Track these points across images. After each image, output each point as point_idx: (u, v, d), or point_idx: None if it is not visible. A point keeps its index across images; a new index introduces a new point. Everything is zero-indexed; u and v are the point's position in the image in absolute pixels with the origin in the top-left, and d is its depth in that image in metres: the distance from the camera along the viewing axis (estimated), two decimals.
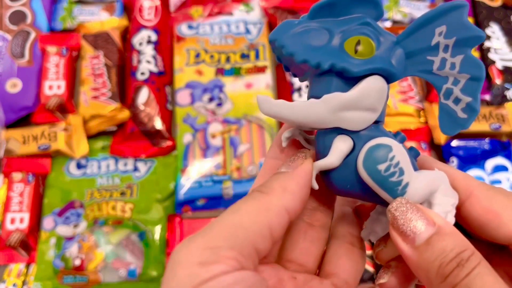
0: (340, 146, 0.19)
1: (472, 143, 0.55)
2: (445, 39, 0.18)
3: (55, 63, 0.58)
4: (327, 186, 0.20)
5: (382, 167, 0.18)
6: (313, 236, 0.21)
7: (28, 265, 0.50)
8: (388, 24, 0.63)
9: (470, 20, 0.61)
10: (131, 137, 0.55)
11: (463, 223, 0.20)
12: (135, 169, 0.54)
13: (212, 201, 0.52)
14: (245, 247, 0.16)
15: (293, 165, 0.19)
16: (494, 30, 0.61)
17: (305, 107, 0.18)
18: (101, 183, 0.53)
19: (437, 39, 0.19)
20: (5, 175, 0.53)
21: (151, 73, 0.57)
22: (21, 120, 0.57)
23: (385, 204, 0.19)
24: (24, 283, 0.49)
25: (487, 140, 0.55)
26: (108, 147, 0.55)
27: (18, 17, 0.61)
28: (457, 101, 0.19)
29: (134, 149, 0.55)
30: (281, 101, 0.19)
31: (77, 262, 0.49)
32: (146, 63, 0.58)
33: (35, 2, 0.62)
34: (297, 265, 0.21)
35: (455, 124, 0.19)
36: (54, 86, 0.57)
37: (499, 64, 0.59)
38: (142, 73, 0.57)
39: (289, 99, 0.56)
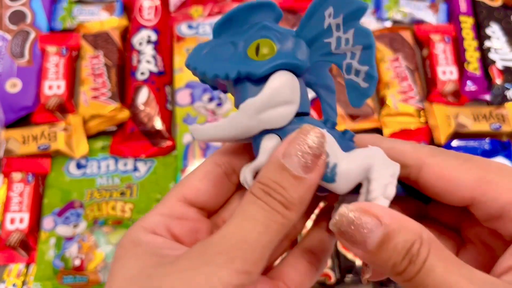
0: (267, 145, 0.20)
1: (472, 143, 0.55)
2: (334, 19, 0.19)
3: (55, 63, 0.58)
4: None
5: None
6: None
7: (27, 265, 0.50)
8: (388, 24, 0.63)
9: (468, 19, 0.61)
10: (131, 137, 0.55)
11: (423, 193, 0.20)
12: (135, 169, 0.54)
13: None
14: None
15: None
16: (494, 30, 0.61)
17: (228, 123, 0.20)
18: (101, 183, 0.53)
19: (328, 21, 0.20)
20: (4, 175, 0.53)
21: (151, 73, 0.57)
22: (21, 120, 0.57)
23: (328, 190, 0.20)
24: (23, 283, 0.49)
25: (487, 140, 0.55)
26: (108, 147, 0.55)
27: (17, 17, 0.61)
28: (357, 73, 0.19)
29: (134, 149, 0.55)
30: (207, 124, 0.20)
31: (77, 262, 0.49)
32: (146, 63, 0.58)
33: (34, 2, 0.62)
34: None
35: (360, 95, 0.20)
36: (54, 86, 0.57)
37: (499, 64, 0.59)
38: (142, 73, 0.57)
39: None
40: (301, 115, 0.20)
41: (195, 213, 0.21)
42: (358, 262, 0.49)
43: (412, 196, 0.22)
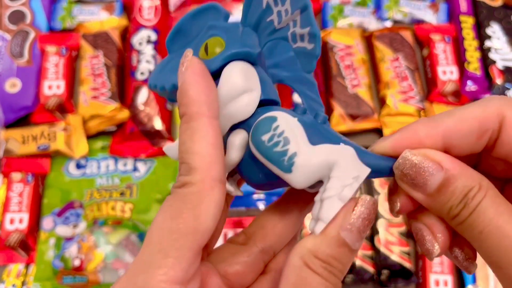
0: (233, 140, 0.19)
1: None
2: None
3: (54, 63, 0.58)
4: (251, 186, 0.20)
5: (265, 137, 0.18)
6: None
7: (27, 266, 0.50)
8: (388, 24, 0.63)
9: (469, 19, 0.61)
10: (130, 137, 0.55)
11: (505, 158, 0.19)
12: (135, 169, 0.54)
13: None
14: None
15: None
16: (494, 30, 0.61)
17: None
18: (101, 183, 0.53)
19: (266, 0, 0.20)
20: (4, 175, 0.53)
21: (150, 72, 0.57)
22: (21, 120, 0.57)
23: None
24: (23, 283, 0.49)
25: None
26: (108, 147, 0.55)
27: (17, 16, 0.61)
28: (302, 37, 0.20)
29: (134, 149, 0.55)
30: (175, 142, 0.19)
31: (77, 263, 0.49)
32: (146, 63, 0.58)
33: (34, 1, 0.62)
34: None
35: (309, 57, 0.20)
36: (53, 86, 0.57)
37: (500, 64, 0.59)
38: (142, 73, 0.57)
39: (289, 97, 0.56)
40: (267, 103, 0.20)
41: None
42: (359, 263, 0.49)
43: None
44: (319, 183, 0.18)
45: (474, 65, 0.58)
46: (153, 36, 0.60)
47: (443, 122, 0.18)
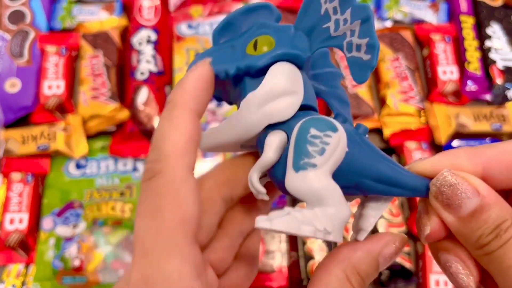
0: (272, 140, 0.19)
1: (473, 143, 0.55)
2: (330, 3, 0.19)
3: (54, 62, 0.58)
4: (280, 190, 0.20)
5: (313, 132, 0.17)
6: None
7: (27, 266, 0.50)
8: (388, 23, 0.63)
9: (469, 19, 0.61)
10: (130, 137, 0.55)
11: None
12: (135, 169, 0.54)
13: None
14: None
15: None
16: (495, 30, 0.61)
17: (229, 123, 0.19)
18: (101, 183, 0.53)
19: (325, 7, 0.19)
20: (4, 175, 0.53)
21: (150, 73, 0.57)
22: (20, 120, 0.56)
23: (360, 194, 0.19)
24: (23, 283, 0.49)
25: (488, 140, 0.55)
26: (108, 147, 0.55)
27: (17, 16, 0.61)
28: (358, 47, 0.19)
29: (134, 149, 0.55)
30: (207, 130, 0.19)
31: (77, 263, 0.49)
32: (146, 63, 0.58)
33: (34, 1, 0.62)
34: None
35: (364, 68, 0.19)
36: (53, 86, 0.57)
37: (500, 64, 0.59)
38: (142, 73, 0.57)
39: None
40: (306, 109, 0.19)
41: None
42: None
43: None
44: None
45: (474, 65, 0.58)
46: (153, 36, 0.60)
47: (485, 152, 0.18)
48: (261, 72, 0.19)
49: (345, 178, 0.18)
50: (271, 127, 0.19)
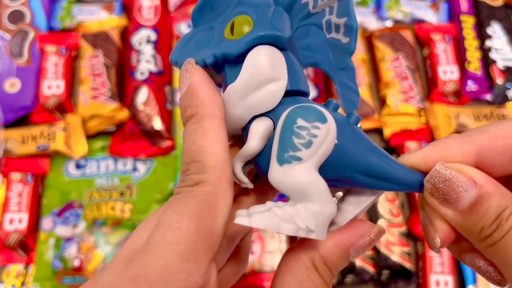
0: (256, 128, 0.18)
1: None
2: None
3: (54, 62, 0.58)
4: (265, 179, 0.18)
5: (300, 122, 0.16)
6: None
7: (27, 266, 0.50)
8: (389, 23, 0.63)
9: (469, 19, 0.61)
10: (130, 137, 0.55)
11: None
12: (135, 169, 0.54)
13: None
14: None
15: None
16: (495, 30, 0.61)
17: None
18: (100, 183, 0.53)
19: None
20: (4, 175, 0.53)
21: (150, 72, 0.57)
22: (20, 120, 0.56)
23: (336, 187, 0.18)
24: (23, 283, 0.49)
25: None
26: (107, 147, 0.55)
27: (17, 16, 0.61)
28: (337, 27, 0.18)
29: (134, 149, 0.55)
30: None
31: (76, 263, 0.49)
32: (146, 62, 0.58)
33: (34, 1, 0.62)
34: None
35: (343, 52, 0.18)
36: (53, 86, 0.57)
37: (500, 64, 0.59)
38: (142, 73, 0.57)
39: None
40: (294, 94, 0.18)
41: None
42: (359, 263, 0.49)
43: None
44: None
45: (474, 65, 0.58)
46: (153, 36, 0.60)
47: (476, 139, 0.17)
48: (240, 59, 0.17)
49: (333, 171, 0.17)
50: (254, 117, 0.18)
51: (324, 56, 0.19)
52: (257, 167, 0.18)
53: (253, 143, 0.17)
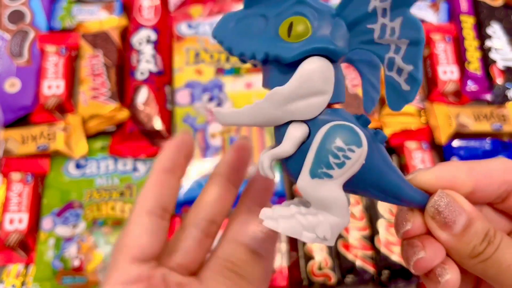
0: (293, 133, 0.18)
1: (473, 143, 0.55)
2: (381, 2, 0.17)
3: (54, 62, 0.58)
4: (287, 175, 0.20)
5: (339, 143, 0.17)
6: (206, 246, 0.24)
7: (27, 266, 0.50)
8: None
9: (469, 19, 0.61)
10: (130, 137, 0.55)
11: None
12: (135, 169, 0.54)
13: None
14: None
15: None
16: (495, 30, 0.61)
17: (252, 110, 0.18)
18: (100, 183, 0.53)
19: (374, 4, 0.17)
20: (4, 175, 0.53)
21: (150, 72, 0.57)
22: (20, 120, 0.56)
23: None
24: (23, 283, 0.49)
25: (488, 140, 0.55)
26: (107, 147, 0.55)
27: (17, 16, 0.61)
28: (400, 71, 0.17)
29: (134, 149, 0.55)
30: (231, 110, 0.18)
31: (76, 263, 0.49)
32: (146, 62, 0.58)
33: (34, 1, 0.62)
34: (182, 269, 0.23)
35: (401, 97, 0.18)
36: (53, 86, 0.57)
37: (500, 64, 0.59)
38: (142, 73, 0.57)
39: None
40: (334, 104, 0.19)
41: (148, 267, 0.22)
42: (359, 263, 0.49)
43: None
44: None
45: (474, 65, 0.58)
46: (153, 36, 0.60)
47: (476, 168, 0.20)
48: (292, 64, 0.17)
49: (354, 185, 0.18)
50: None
51: (359, 55, 0.19)
52: (285, 167, 0.19)
53: (288, 147, 0.18)
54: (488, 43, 0.60)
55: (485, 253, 0.19)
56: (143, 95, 0.56)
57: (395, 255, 0.49)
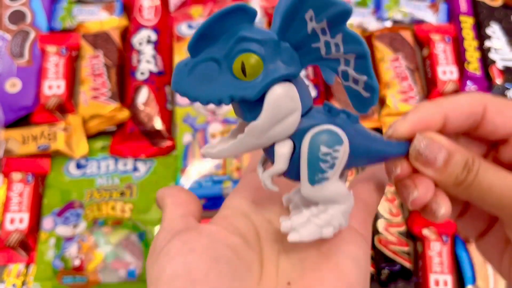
0: (281, 151, 0.20)
1: None
2: (317, 24, 0.17)
3: (54, 63, 0.58)
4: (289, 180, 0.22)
5: (324, 150, 0.19)
6: None
7: (27, 266, 0.50)
8: (388, 23, 0.63)
9: (469, 19, 0.61)
10: (130, 137, 0.55)
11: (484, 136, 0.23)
12: (135, 169, 0.54)
13: (212, 201, 0.52)
14: None
15: None
16: (494, 30, 0.61)
17: (237, 145, 0.19)
18: (101, 183, 0.53)
19: (311, 25, 0.18)
20: (4, 175, 0.53)
21: (151, 73, 0.57)
22: (21, 120, 0.57)
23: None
24: (23, 283, 0.49)
25: None
26: (108, 147, 0.55)
27: (17, 16, 0.61)
28: (355, 81, 0.19)
29: (134, 149, 0.55)
30: (218, 148, 0.20)
31: (77, 263, 0.49)
32: (146, 63, 0.58)
33: (34, 1, 0.62)
34: None
35: (364, 103, 0.19)
36: (53, 86, 0.57)
37: (500, 64, 0.59)
38: (142, 73, 0.57)
39: None
40: (307, 111, 0.20)
41: None
42: None
43: None
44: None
45: (474, 65, 0.58)
46: (153, 36, 0.60)
47: (444, 104, 0.22)
48: (258, 99, 0.19)
49: (345, 168, 0.21)
50: None
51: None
52: (287, 177, 0.21)
53: (281, 165, 0.20)
54: (487, 43, 0.60)
55: (467, 180, 0.21)
56: (143, 95, 0.56)
57: (395, 255, 0.49)
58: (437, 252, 0.49)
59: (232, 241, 0.21)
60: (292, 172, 0.20)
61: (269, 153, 0.20)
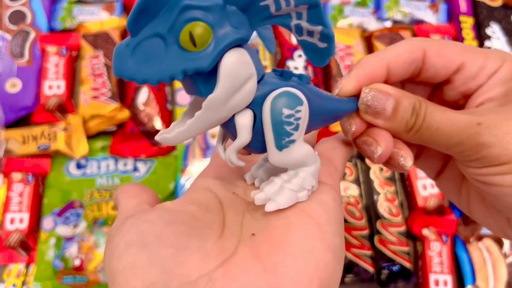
0: (243, 122, 0.19)
1: None
2: None
3: (54, 63, 0.58)
4: (252, 152, 0.22)
5: (286, 112, 0.19)
6: None
7: (27, 265, 0.50)
8: (388, 24, 0.63)
9: (468, 19, 0.61)
10: (131, 137, 0.55)
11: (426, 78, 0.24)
12: (135, 169, 0.54)
13: None
14: None
15: None
16: (494, 30, 0.61)
17: (196, 124, 0.18)
18: (101, 183, 0.53)
19: None
20: (4, 175, 0.53)
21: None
22: (21, 120, 0.57)
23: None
24: (23, 283, 0.49)
25: None
26: (108, 147, 0.55)
27: (17, 17, 0.61)
28: (310, 33, 0.18)
29: (134, 149, 0.55)
30: (175, 131, 0.18)
31: (77, 263, 0.49)
32: None
33: (34, 2, 0.62)
34: None
35: (321, 54, 0.19)
36: (53, 86, 0.57)
37: None
38: None
39: None
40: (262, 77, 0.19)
41: None
42: (358, 262, 0.49)
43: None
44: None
45: None
46: None
47: (386, 55, 0.23)
48: (212, 69, 0.18)
49: (306, 131, 0.21)
50: None
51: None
52: (252, 150, 0.21)
53: (245, 136, 0.19)
54: (487, 43, 0.60)
55: (416, 125, 0.21)
56: (143, 95, 0.56)
57: (395, 255, 0.49)
58: (437, 252, 0.49)
59: (191, 209, 0.20)
60: (256, 143, 0.20)
61: (229, 127, 0.19)
